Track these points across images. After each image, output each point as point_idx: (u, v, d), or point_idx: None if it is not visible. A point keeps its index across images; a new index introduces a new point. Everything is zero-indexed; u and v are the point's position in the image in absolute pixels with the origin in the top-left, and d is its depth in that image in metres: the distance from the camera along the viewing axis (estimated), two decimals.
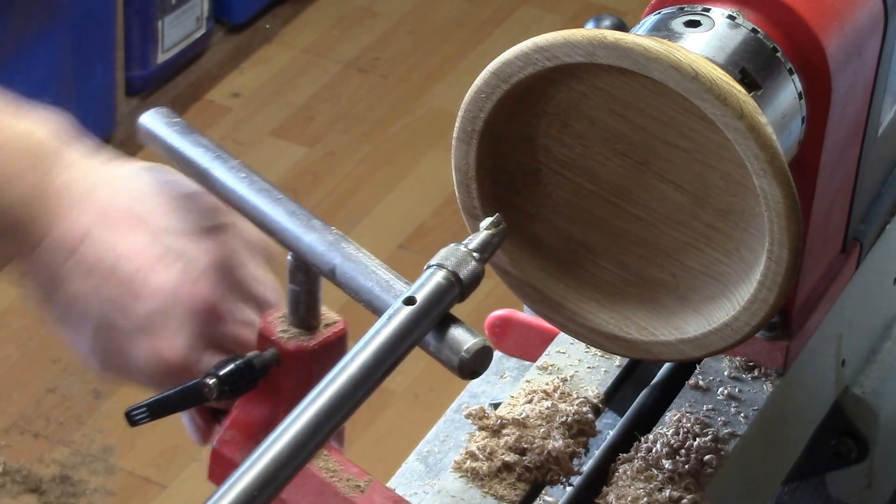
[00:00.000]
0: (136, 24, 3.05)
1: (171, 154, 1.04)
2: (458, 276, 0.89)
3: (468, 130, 1.01)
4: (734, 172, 0.98)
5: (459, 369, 0.87)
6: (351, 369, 0.85)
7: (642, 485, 1.04)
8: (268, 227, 0.98)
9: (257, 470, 0.80)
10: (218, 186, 1.00)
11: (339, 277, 0.94)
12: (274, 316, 0.99)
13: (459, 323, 0.89)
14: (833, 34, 1.03)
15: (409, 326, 0.87)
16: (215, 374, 0.95)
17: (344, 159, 3.13)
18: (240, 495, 0.79)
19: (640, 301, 1.03)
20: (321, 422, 0.83)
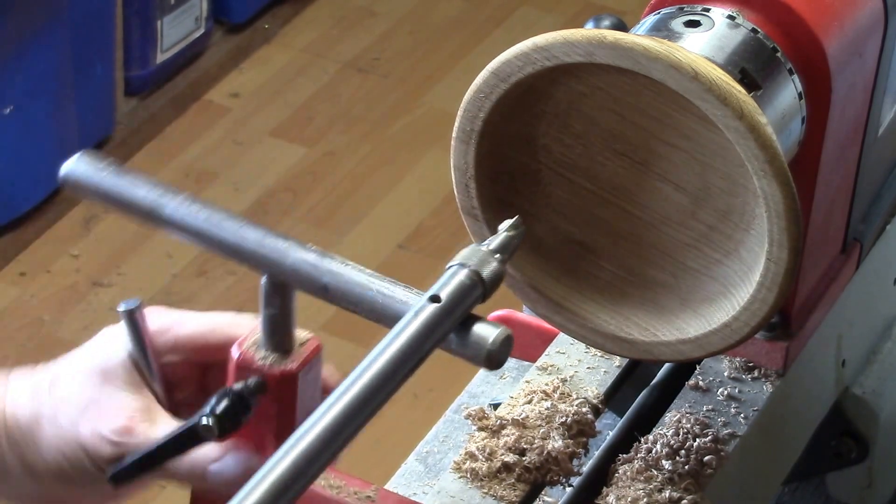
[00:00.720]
0: (136, 24, 3.05)
1: (111, 200, 0.99)
2: (481, 276, 0.89)
3: (467, 130, 1.00)
4: (734, 173, 0.97)
5: (488, 360, 0.86)
6: (378, 364, 0.85)
7: (642, 485, 1.04)
8: (241, 255, 0.96)
9: (286, 465, 0.79)
10: (174, 223, 0.97)
11: (334, 293, 0.92)
12: (246, 343, 0.97)
13: (476, 317, 0.88)
14: (833, 34, 1.03)
15: (434, 323, 0.87)
16: (211, 414, 0.93)
17: (343, 159, 3.13)
18: (269, 491, 0.78)
19: (639, 301, 1.03)
20: (350, 416, 0.82)
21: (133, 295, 3.06)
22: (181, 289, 2.83)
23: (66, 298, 2.80)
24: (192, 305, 2.79)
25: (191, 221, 0.97)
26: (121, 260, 2.87)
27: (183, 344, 1.01)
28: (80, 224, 2.95)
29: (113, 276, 2.85)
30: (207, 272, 2.86)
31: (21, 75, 2.76)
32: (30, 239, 2.90)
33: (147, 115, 3.11)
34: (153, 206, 0.97)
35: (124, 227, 2.94)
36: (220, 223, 0.96)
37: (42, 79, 2.81)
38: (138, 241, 2.90)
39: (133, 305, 0.99)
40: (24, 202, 2.87)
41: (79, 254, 2.89)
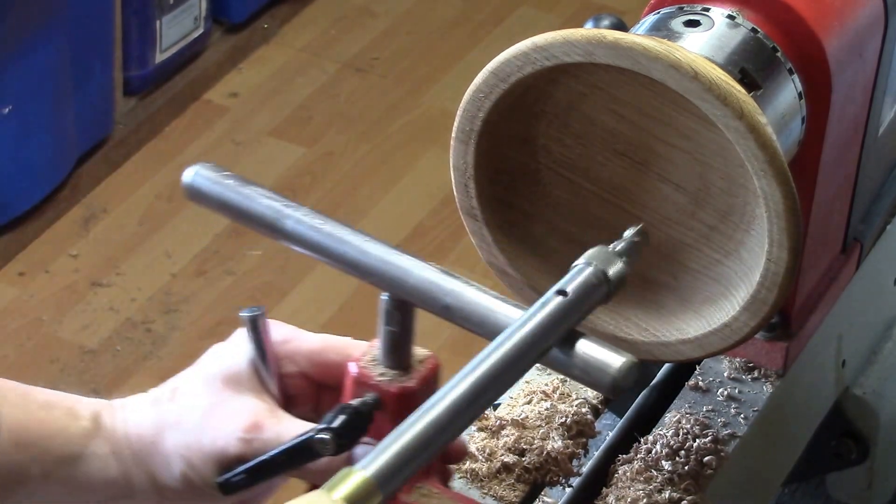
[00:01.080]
0: (135, 24, 3.04)
1: (232, 212, 0.99)
2: (607, 275, 0.90)
3: (467, 130, 1.00)
4: (734, 173, 0.97)
5: (612, 388, 0.87)
6: (504, 349, 0.86)
7: (642, 486, 1.04)
8: (362, 271, 0.95)
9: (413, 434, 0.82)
10: (295, 237, 0.97)
11: (456, 313, 0.92)
12: (364, 360, 0.97)
13: (602, 344, 0.89)
14: (833, 34, 1.03)
15: (559, 315, 0.88)
16: (328, 428, 0.92)
17: (342, 159, 3.12)
18: (399, 454, 0.81)
19: (639, 302, 1.03)
20: (476, 394, 0.84)
21: (131, 294, 3.06)
22: (180, 289, 2.83)
23: (64, 298, 2.80)
24: (190, 306, 2.79)
25: (313, 235, 0.96)
26: (120, 260, 2.87)
27: (302, 356, 1.01)
28: (79, 224, 2.94)
29: (112, 276, 2.84)
30: (206, 272, 2.86)
31: (20, 75, 2.76)
32: (29, 239, 2.90)
33: (146, 115, 3.10)
34: (275, 218, 0.97)
35: (123, 227, 2.93)
36: (342, 238, 0.95)
37: (41, 78, 2.81)
38: (137, 241, 2.90)
39: (256, 312, 0.99)
40: (23, 202, 2.87)
41: (77, 254, 2.89)
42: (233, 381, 0.99)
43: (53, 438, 0.99)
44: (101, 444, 1.00)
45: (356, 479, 0.80)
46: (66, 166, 2.94)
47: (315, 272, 2.82)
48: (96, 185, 3.01)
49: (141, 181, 3.03)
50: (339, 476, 0.81)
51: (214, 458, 0.97)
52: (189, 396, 1.00)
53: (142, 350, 2.72)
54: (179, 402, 1.00)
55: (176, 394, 1.00)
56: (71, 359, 2.70)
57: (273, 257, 2.87)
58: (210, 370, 1.00)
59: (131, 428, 1.00)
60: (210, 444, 0.97)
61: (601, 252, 0.92)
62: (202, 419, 0.98)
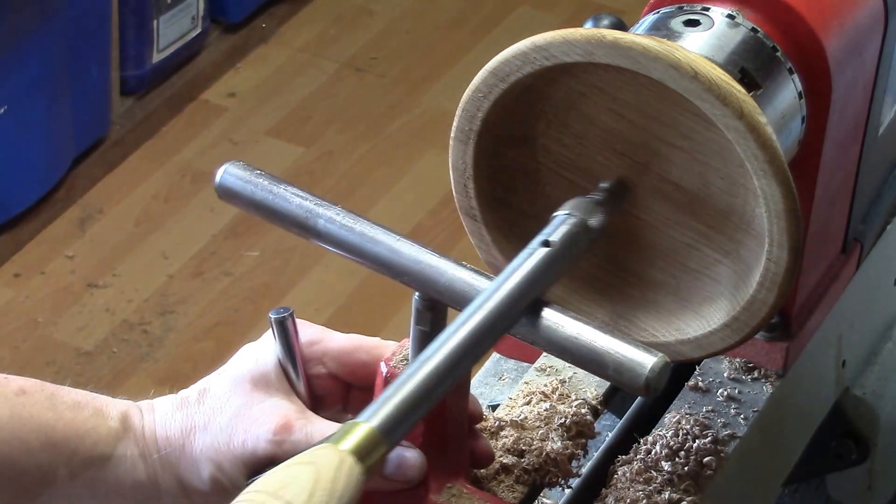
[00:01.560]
0: (132, 24, 3.04)
1: (264, 211, 0.99)
2: (587, 224, 0.93)
3: (466, 130, 1.00)
4: (734, 172, 0.97)
5: (645, 388, 0.88)
6: (497, 297, 0.89)
7: (641, 487, 1.03)
8: (394, 271, 0.95)
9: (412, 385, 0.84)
10: (327, 236, 0.97)
11: None
12: (395, 359, 0.97)
13: (634, 342, 0.89)
14: (833, 33, 1.02)
15: (546, 265, 0.91)
16: None
17: (341, 159, 3.12)
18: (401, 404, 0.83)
19: (639, 302, 1.02)
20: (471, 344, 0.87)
21: (128, 295, 3.06)
22: (177, 290, 2.82)
23: (60, 299, 2.79)
24: (187, 306, 2.79)
25: (345, 235, 0.96)
26: (116, 261, 2.87)
27: (331, 357, 1.01)
28: (75, 225, 2.94)
29: (108, 277, 2.84)
30: (203, 273, 2.86)
31: (16, 75, 2.76)
32: (24, 240, 2.89)
33: (143, 115, 3.10)
34: (306, 218, 0.97)
35: (119, 228, 2.93)
36: (374, 238, 0.96)
37: (37, 78, 2.81)
38: (133, 242, 2.90)
39: (285, 314, 0.99)
40: (19, 203, 2.87)
41: (73, 255, 2.88)
42: (262, 382, 0.99)
43: (82, 439, 0.99)
44: (129, 446, 0.99)
45: (362, 430, 0.81)
46: (62, 167, 2.94)
47: (313, 273, 2.82)
48: (93, 186, 3.01)
49: (138, 182, 3.03)
50: (344, 428, 0.82)
51: (244, 460, 0.97)
52: (217, 398, 0.99)
53: (138, 352, 2.72)
54: (207, 404, 1.00)
55: (204, 396, 1.00)
56: (67, 361, 2.70)
57: (271, 258, 2.87)
58: (238, 371, 1.00)
59: (159, 431, 1.00)
60: (240, 447, 0.97)
61: (581, 202, 0.94)
62: (231, 421, 0.98)
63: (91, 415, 1.00)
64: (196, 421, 0.99)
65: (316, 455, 0.80)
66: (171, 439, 0.99)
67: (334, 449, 0.80)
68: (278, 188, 0.98)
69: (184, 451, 0.99)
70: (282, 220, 0.98)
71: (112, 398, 1.02)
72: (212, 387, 1.00)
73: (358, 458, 0.81)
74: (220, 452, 0.98)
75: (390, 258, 0.95)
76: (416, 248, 0.95)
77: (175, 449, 0.99)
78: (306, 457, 0.80)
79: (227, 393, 0.99)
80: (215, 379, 1.01)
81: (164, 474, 0.99)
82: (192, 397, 1.00)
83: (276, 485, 0.79)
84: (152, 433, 1.00)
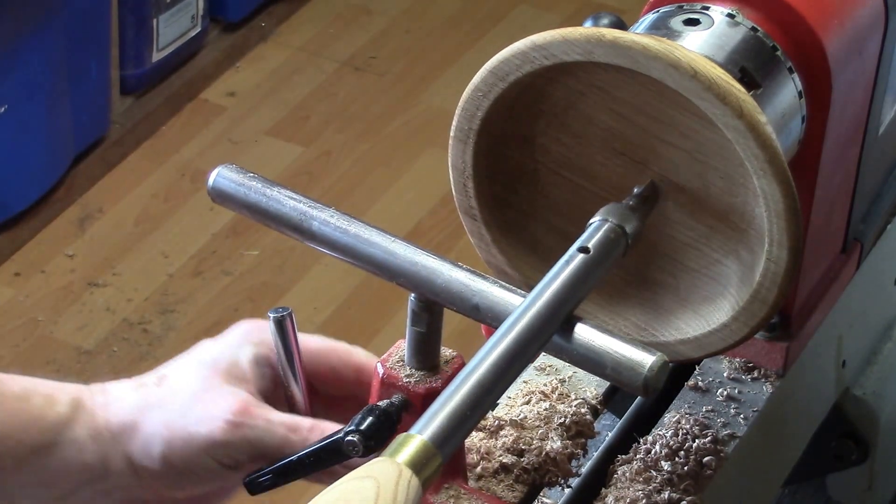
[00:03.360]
0: (131, 23, 3.04)
1: (258, 214, 0.99)
2: (624, 230, 0.94)
3: (465, 129, 1.00)
4: (733, 172, 0.97)
5: (644, 388, 0.88)
6: (538, 305, 0.89)
7: (641, 486, 1.03)
8: (390, 272, 0.95)
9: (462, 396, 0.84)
10: (322, 238, 0.97)
11: (485, 313, 0.93)
12: (391, 360, 0.97)
13: (632, 342, 0.89)
14: (833, 33, 1.02)
15: (584, 272, 0.91)
16: (356, 430, 0.92)
17: (340, 159, 3.12)
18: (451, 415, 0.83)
19: (639, 301, 1.02)
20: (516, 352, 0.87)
21: (128, 294, 3.06)
22: (177, 289, 2.82)
23: (60, 298, 2.79)
24: (187, 306, 2.79)
25: (339, 237, 0.96)
26: (116, 260, 2.87)
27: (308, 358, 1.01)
28: (75, 224, 2.94)
29: (108, 276, 2.84)
30: (203, 272, 2.86)
31: (15, 74, 2.76)
32: (24, 239, 2.89)
33: (142, 115, 3.10)
34: (301, 220, 0.97)
35: (119, 227, 2.93)
36: (369, 239, 0.96)
37: (37, 78, 2.81)
38: (133, 241, 2.90)
39: (283, 313, 0.98)
40: (19, 202, 2.87)
41: (74, 254, 2.88)
42: (225, 372, 0.99)
43: (28, 429, 0.98)
44: (78, 429, 0.99)
45: (416, 443, 0.81)
46: (62, 166, 2.94)
47: (312, 273, 2.82)
48: (92, 185, 3.01)
49: (137, 181, 3.03)
50: (398, 442, 0.81)
51: (199, 441, 0.97)
52: (176, 381, 0.99)
53: (138, 351, 2.72)
54: (166, 385, 0.99)
55: (163, 380, 1.00)
56: (67, 360, 2.70)
57: (270, 257, 2.87)
58: (202, 357, 1.00)
59: (112, 409, 0.99)
60: (195, 427, 0.97)
61: (616, 208, 0.95)
62: (189, 401, 0.97)
63: (40, 402, 0.99)
64: (151, 401, 0.99)
65: (374, 469, 0.80)
66: (124, 417, 0.99)
67: (392, 462, 0.80)
68: (272, 191, 0.98)
69: (136, 428, 0.98)
70: (276, 222, 0.98)
71: (65, 383, 1.02)
72: (171, 371, 1.00)
73: (415, 470, 0.80)
74: (174, 431, 0.97)
75: (386, 260, 0.95)
76: (411, 249, 0.95)
77: (127, 426, 0.98)
78: (365, 471, 0.80)
79: (188, 376, 0.99)
80: (175, 364, 1.00)
81: (114, 453, 0.99)
82: (150, 380, 1.00)
83: (340, 500, 0.79)
84: (104, 412, 0.99)
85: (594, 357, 0.89)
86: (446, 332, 0.97)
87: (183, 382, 0.99)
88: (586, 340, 0.89)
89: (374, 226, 0.96)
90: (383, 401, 0.95)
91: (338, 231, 0.96)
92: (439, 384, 0.95)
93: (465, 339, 1.73)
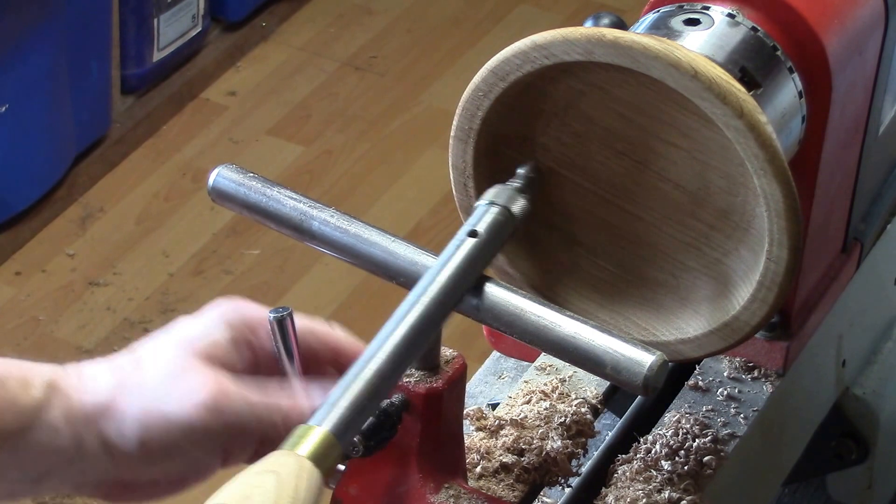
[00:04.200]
0: (132, 22, 3.04)
1: (258, 214, 0.99)
2: (511, 212, 0.95)
3: (466, 129, 1.00)
4: (734, 172, 0.97)
5: (644, 387, 0.88)
6: (432, 291, 0.90)
7: (641, 486, 1.03)
8: (390, 272, 0.96)
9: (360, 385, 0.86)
10: (322, 238, 0.97)
11: (486, 313, 0.93)
12: None
13: (632, 342, 0.89)
14: (833, 33, 1.02)
15: (474, 255, 0.93)
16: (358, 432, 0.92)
17: (341, 158, 3.12)
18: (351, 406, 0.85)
19: (639, 301, 1.02)
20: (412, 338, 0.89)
21: (129, 294, 3.05)
22: (178, 288, 2.82)
23: (61, 297, 2.79)
24: (188, 305, 2.79)
25: (339, 237, 0.97)
26: (117, 259, 2.87)
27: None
28: (76, 223, 2.94)
29: (109, 276, 2.84)
30: (204, 271, 2.86)
31: (16, 73, 2.76)
32: (25, 238, 2.89)
33: (143, 114, 3.10)
34: (301, 220, 0.97)
35: (120, 226, 2.93)
36: (369, 239, 0.96)
37: (38, 77, 2.81)
38: (134, 240, 2.90)
39: (283, 313, 0.98)
40: (20, 201, 2.87)
41: (74, 253, 2.88)
42: (203, 354, 0.97)
43: (2, 415, 0.97)
44: (53, 412, 0.97)
45: (316, 434, 0.82)
46: (62, 165, 2.94)
47: (313, 272, 2.82)
48: (93, 184, 3.00)
49: (138, 180, 3.03)
50: (298, 434, 0.82)
51: (177, 425, 0.95)
52: (153, 361, 0.97)
53: None
54: (142, 366, 0.97)
55: (139, 360, 0.98)
56: (68, 359, 2.68)
57: (271, 257, 2.87)
58: (179, 338, 0.98)
59: (88, 388, 0.97)
60: (172, 410, 0.95)
61: (502, 190, 0.96)
62: (166, 383, 0.96)
63: (14, 386, 0.98)
64: (126, 381, 0.97)
65: (275, 463, 0.80)
66: (98, 397, 0.97)
67: (293, 455, 0.81)
68: (272, 190, 0.98)
69: (110, 409, 0.96)
70: (276, 222, 0.98)
71: (40, 364, 1.00)
72: (147, 352, 0.98)
73: (315, 462, 0.81)
74: (149, 414, 0.95)
75: (386, 259, 0.95)
76: (411, 248, 0.95)
77: (101, 407, 0.97)
78: (265, 465, 0.80)
79: (164, 356, 0.97)
80: (151, 344, 0.99)
81: (87, 434, 0.97)
82: (125, 361, 0.98)
83: (240, 496, 0.79)
84: (78, 393, 0.97)
85: (594, 356, 0.89)
86: (447, 331, 0.97)
87: (160, 363, 0.97)
88: (586, 340, 0.89)
89: (374, 226, 0.96)
90: (384, 401, 0.95)
91: (338, 231, 0.96)
92: (440, 384, 0.95)
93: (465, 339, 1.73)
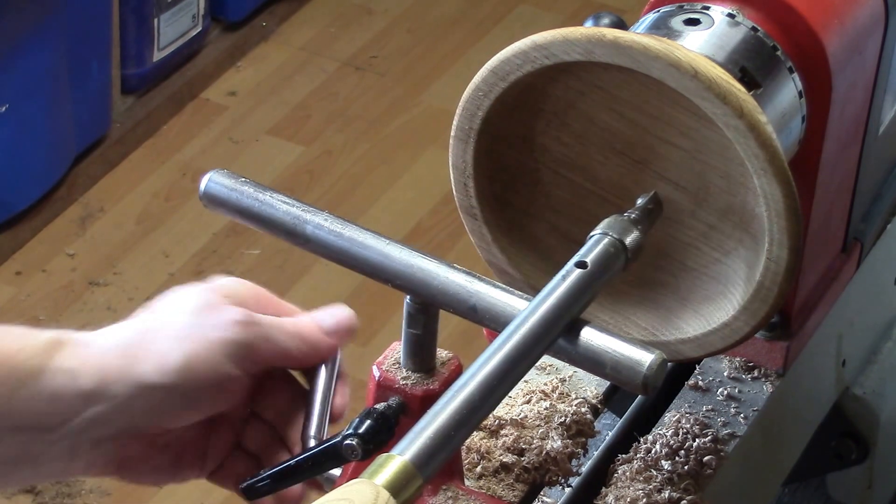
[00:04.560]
0: (132, 22, 3.04)
1: (251, 218, 0.99)
2: (624, 244, 0.93)
3: (466, 129, 1.00)
4: (734, 171, 0.97)
5: (643, 386, 0.88)
6: (531, 322, 0.88)
7: (641, 486, 1.03)
8: (385, 275, 0.95)
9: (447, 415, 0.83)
10: (316, 242, 0.97)
11: (483, 314, 0.93)
12: (387, 363, 0.96)
13: (630, 341, 0.89)
14: (833, 32, 1.02)
15: (580, 287, 0.90)
16: (355, 434, 0.91)
17: (341, 158, 3.12)
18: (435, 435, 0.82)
19: (639, 301, 1.02)
20: (506, 370, 0.86)
21: (129, 293, 3.04)
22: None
23: (62, 297, 2.79)
24: None
25: (333, 241, 0.96)
26: (117, 259, 2.87)
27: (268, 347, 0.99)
28: (77, 223, 2.94)
29: (109, 276, 2.84)
30: (204, 271, 2.86)
31: (16, 73, 2.76)
32: (26, 238, 2.89)
33: (144, 114, 3.10)
34: (294, 225, 0.97)
35: (120, 226, 2.93)
36: (363, 242, 0.96)
37: (38, 77, 2.81)
38: (135, 240, 2.90)
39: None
40: (20, 201, 2.87)
41: (75, 253, 2.88)
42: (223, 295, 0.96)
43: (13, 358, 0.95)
44: (66, 358, 0.95)
45: (396, 464, 0.80)
46: (63, 165, 2.94)
47: (313, 272, 2.82)
48: (93, 184, 3.00)
49: (138, 180, 3.03)
50: (378, 462, 0.80)
51: (218, 344, 0.94)
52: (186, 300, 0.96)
53: None
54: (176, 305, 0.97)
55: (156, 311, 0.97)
56: None
57: (271, 257, 2.87)
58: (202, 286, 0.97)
59: (107, 337, 0.96)
60: (212, 332, 0.94)
61: (617, 221, 0.94)
62: (202, 312, 0.95)
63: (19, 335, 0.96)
64: (152, 325, 0.96)
65: (352, 491, 0.79)
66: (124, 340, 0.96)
67: (370, 484, 0.79)
68: (264, 195, 0.98)
69: (142, 348, 0.95)
70: (270, 226, 0.98)
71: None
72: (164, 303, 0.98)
73: (393, 492, 0.79)
74: (192, 340, 0.94)
75: (381, 262, 0.95)
76: (406, 251, 0.95)
77: (132, 346, 0.95)
78: (342, 492, 0.79)
79: (195, 295, 0.96)
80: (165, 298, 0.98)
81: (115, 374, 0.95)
82: (140, 315, 0.97)
83: None
84: (96, 341, 0.96)
85: (593, 356, 0.89)
86: (447, 333, 0.96)
87: (192, 300, 0.96)
88: (585, 340, 0.89)
89: (368, 229, 0.96)
90: (380, 403, 0.95)
91: (332, 235, 0.96)
92: (436, 386, 0.95)
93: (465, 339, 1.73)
